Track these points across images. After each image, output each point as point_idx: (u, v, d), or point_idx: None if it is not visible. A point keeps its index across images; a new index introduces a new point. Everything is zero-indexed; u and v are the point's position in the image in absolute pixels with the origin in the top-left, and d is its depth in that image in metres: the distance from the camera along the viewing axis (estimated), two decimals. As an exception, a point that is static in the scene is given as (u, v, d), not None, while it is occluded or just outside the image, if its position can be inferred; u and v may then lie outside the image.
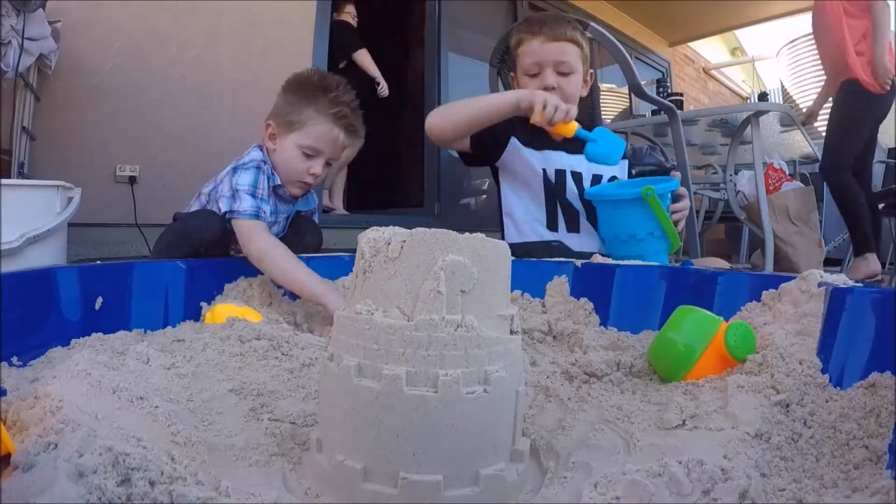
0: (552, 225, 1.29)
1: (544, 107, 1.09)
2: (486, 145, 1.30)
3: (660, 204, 1.12)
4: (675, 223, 1.18)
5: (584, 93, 1.36)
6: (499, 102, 1.18)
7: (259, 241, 1.02)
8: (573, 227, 1.29)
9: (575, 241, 1.27)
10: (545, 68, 1.26)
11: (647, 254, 1.13)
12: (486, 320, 0.47)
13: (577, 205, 1.30)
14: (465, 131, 1.25)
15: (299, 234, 1.29)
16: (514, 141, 1.30)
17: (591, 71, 1.37)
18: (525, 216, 1.31)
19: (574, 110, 1.11)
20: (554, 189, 1.29)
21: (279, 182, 1.19)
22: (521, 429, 0.51)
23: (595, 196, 1.23)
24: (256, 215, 1.06)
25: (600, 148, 1.15)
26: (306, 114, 1.16)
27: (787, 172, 2.74)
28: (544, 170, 1.29)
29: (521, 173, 1.31)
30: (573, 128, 1.13)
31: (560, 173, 1.30)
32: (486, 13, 3.94)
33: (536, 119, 1.10)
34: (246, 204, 1.06)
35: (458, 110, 1.24)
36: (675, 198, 1.21)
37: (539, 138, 1.27)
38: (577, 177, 1.31)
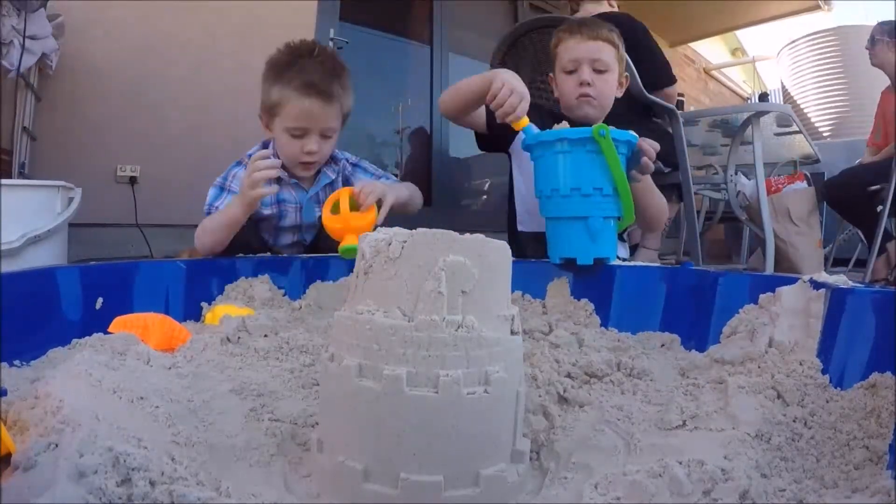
0: None
1: (500, 95, 1.06)
2: (498, 128, 1.29)
3: (614, 150, 0.92)
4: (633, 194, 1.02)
5: (619, 94, 1.37)
6: (479, 81, 1.18)
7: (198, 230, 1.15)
8: None
9: None
10: (581, 64, 1.29)
11: (593, 216, 0.95)
12: (487, 321, 0.47)
13: None
14: (464, 111, 1.28)
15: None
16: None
17: (626, 74, 1.40)
18: (535, 205, 1.27)
19: (525, 105, 1.06)
20: None
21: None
22: (522, 429, 0.51)
23: (534, 140, 1.02)
24: (208, 212, 1.20)
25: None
26: (277, 95, 1.17)
27: (793, 171, 2.72)
28: None
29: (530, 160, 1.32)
30: (523, 123, 1.05)
31: None
32: (486, 13, 3.94)
33: (490, 102, 1.08)
34: (207, 200, 1.22)
35: (454, 93, 1.27)
36: (637, 162, 1.08)
37: (550, 122, 1.24)
38: None
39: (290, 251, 1.31)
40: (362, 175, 1.36)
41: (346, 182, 1.35)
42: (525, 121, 1.06)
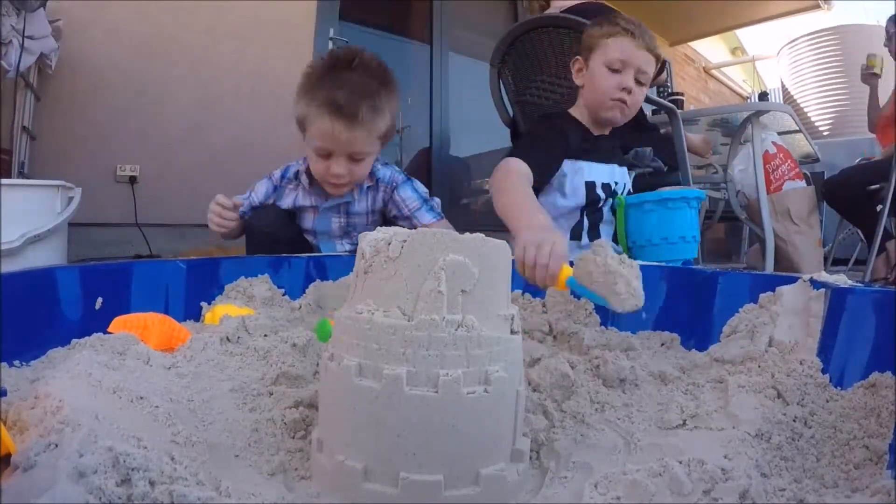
0: (576, 234, 1.33)
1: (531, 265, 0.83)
2: (544, 181, 1.30)
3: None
4: None
5: None
6: (513, 219, 1.00)
7: None
8: (594, 234, 1.33)
9: None
10: (628, 70, 1.27)
11: (692, 255, 1.22)
12: (487, 320, 0.47)
13: (603, 212, 1.34)
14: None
15: None
16: (566, 163, 1.31)
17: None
18: (560, 230, 1.29)
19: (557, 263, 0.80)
20: (588, 200, 1.31)
21: (298, 169, 1.24)
22: (522, 428, 0.51)
23: (649, 199, 1.24)
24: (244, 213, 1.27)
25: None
26: (304, 110, 1.11)
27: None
28: (585, 182, 1.31)
29: (562, 188, 1.32)
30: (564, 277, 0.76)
31: (591, 185, 1.32)
32: (486, 13, 3.94)
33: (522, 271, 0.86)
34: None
35: (499, 198, 1.10)
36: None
37: (583, 150, 1.32)
38: (605, 186, 1.34)
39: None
40: (401, 194, 1.24)
41: (385, 204, 1.25)
42: (567, 272, 0.76)
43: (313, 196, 1.24)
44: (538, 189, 1.31)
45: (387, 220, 1.27)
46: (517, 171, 1.17)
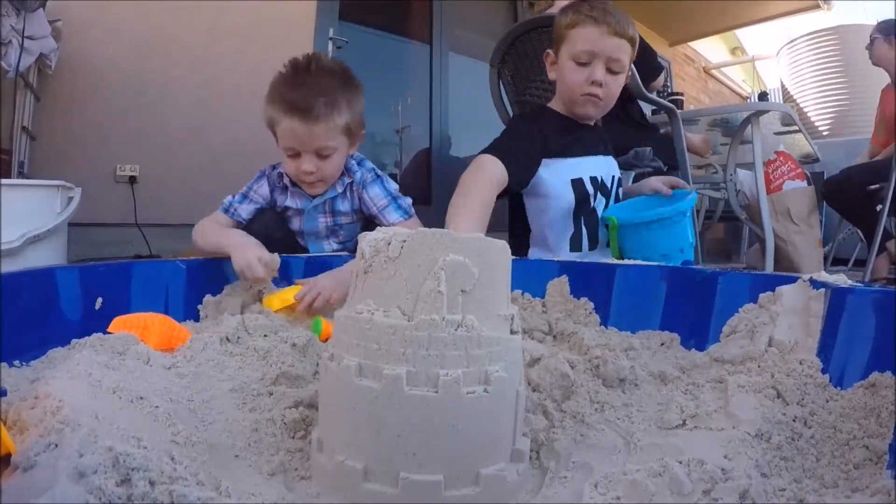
0: (576, 244, 1.25)
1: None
2: (522, 182, 1.21)
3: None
4: None
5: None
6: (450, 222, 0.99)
7: (199, 222, 1.15)
8: (594, 243, 1.26)
9: (597, 258, 1.24)
10: (597, 60, 1.17)
11: (690, 259, 1.20)
12: (487, 320, 0.47)
13: (597, 214, 1.27)
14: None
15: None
16: (544, 162, 1.23)
17: (629, 73, 1.30)
18: (556, 238, 1.25)
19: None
20: (578, 200, 1.24)
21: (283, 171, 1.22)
22: (522, 428, 0.51)
23: (641, 221, 1.18)
24: (225, 209, 1.20)
25: None
26: (269, 114, 1.15)
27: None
28: (571, 180, 1.24)
29: (547, 191, 1.24)
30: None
31: (578, 181, 1.24)
32: (486, 13, 3.94)
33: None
34: (229, 198, 1.21)
35: (456, 197, 1.15)
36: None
37: (564, 146, 1.23)
38: (593, 180, 1.26)
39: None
40: (369, 192, 1.24)
41: (361, 199, 1.25)
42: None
43: (298, 198, 1.25)
44: (516, 191, 1.24)
45: (369, 218, 1.29)
46: (488, 174, 1.14)
